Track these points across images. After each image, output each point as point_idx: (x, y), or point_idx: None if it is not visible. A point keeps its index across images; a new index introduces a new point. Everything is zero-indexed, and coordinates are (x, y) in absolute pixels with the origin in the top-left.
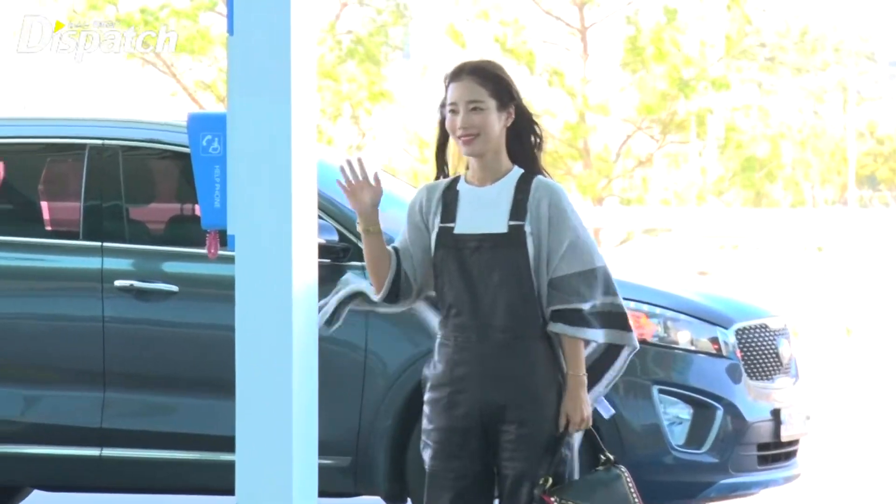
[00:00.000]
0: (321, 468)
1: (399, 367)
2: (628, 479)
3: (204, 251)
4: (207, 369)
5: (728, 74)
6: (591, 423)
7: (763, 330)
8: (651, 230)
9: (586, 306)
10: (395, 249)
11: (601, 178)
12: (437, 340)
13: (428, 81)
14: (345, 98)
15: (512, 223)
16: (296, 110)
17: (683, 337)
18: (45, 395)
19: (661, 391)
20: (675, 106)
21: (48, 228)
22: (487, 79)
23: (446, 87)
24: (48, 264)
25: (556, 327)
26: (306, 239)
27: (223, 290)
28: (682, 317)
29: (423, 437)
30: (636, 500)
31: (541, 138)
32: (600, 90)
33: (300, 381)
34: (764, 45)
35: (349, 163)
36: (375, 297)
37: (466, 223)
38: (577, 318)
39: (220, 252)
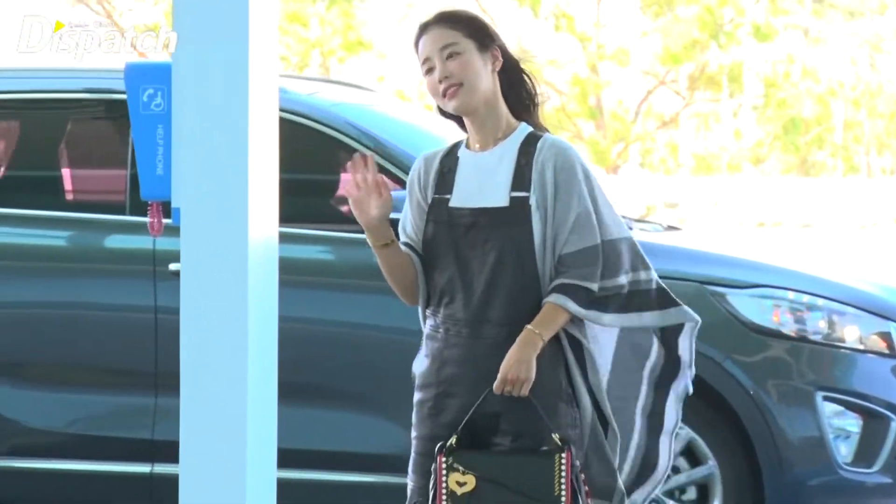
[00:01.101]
0: (377, 486)
1: None
2: (563, 466)
3: (285, 229)
4: (291, 372)
5: (771, 20)
6: (526, 392)
7: None
8: (674, 204)
9: (611, 283)
10: (410, 247)
11: (617, 142)
12: (426, 331)
13: (410, 28)
14: (314, 45)
15: (514, 195)
16: (254, 59)
17: (851, 333)
18: (86, 400)
19: (825, 398)
20: (706, 56)
21: (85, 201)
22: (459, 20)
23: (416, 48)
24: (88, 243)
25: (559, 299)
26: (266, 215)
27: (302, 277)
28: (850, 310)
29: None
30: (563, 490)
31: (533, 89)
32: (616, 37)
33: (256, 387)
34: None
35: (356, 162)
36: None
37: (464, 195)
38: (587, 300)
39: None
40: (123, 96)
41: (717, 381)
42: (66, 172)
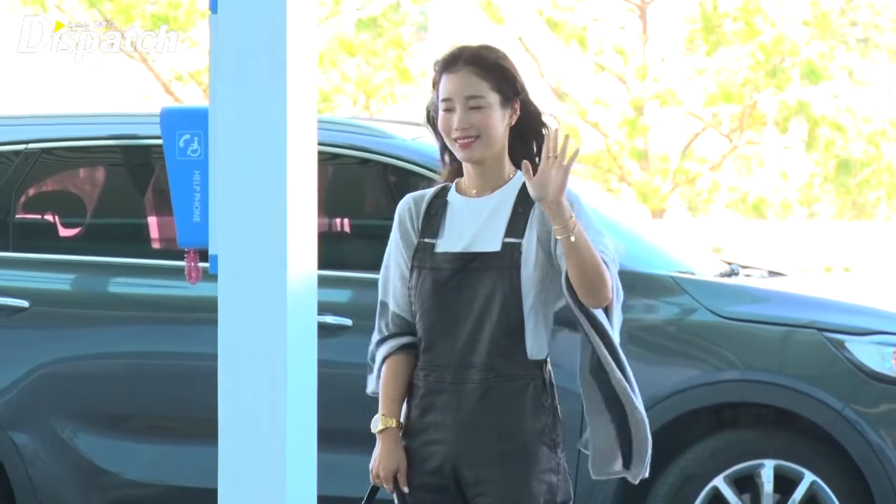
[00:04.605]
0: None
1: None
2: None
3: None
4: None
5: (824, 60)
6: (551, 193)
7: None
8: (718, 248)
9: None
10: (403, 333)
11: (664, 184)
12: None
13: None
14: (362, 80)
15: (507, 240)
16: (293, 103)
17: None
18: (185, 452)
19: None
20: (758, 97)
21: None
22: (489, 69)
23: (438, 79)
24: (188, 293)
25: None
26: (305, 262)
27: None
28: None
29: None
30: None
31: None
32: (663, 77)
33: (295, 434)
34: (855, 24)
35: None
36: None
37: (452, 240)
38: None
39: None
40: None
41: (836, 430)
42: (152, 220)
